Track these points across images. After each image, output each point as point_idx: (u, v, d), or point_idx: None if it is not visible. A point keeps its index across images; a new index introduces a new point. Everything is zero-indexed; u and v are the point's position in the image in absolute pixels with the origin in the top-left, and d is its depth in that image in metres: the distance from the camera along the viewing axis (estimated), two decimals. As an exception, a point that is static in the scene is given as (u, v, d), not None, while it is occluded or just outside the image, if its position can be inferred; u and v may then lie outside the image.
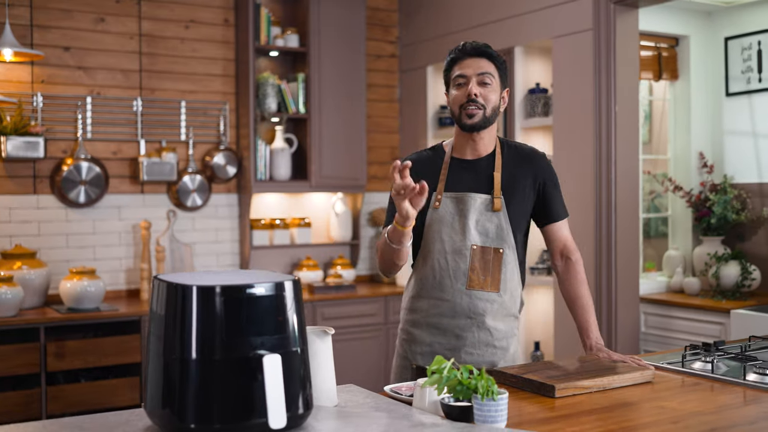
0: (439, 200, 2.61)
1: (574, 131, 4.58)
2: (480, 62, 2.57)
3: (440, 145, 2.74)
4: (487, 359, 2.60)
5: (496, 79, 2.58)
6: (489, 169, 2.62)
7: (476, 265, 2.56)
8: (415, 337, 2.64)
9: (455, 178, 2.63)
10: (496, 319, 2.60)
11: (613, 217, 4.38)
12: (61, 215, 4.87)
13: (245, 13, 5.22)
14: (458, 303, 2.57)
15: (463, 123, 2.57)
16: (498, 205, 2.58)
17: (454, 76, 2.60)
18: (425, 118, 5.75)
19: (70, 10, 4.87)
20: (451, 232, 2.58)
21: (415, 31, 5.83)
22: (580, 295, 2.69)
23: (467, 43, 2.62)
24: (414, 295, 2.67)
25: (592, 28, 4.46)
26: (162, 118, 5.14)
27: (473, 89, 2.54)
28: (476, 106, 2.54)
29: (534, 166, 2.65)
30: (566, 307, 4.57)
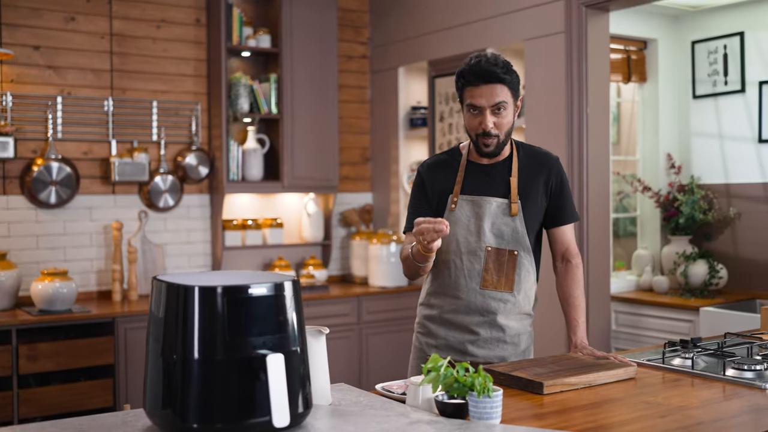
0: (455, 203, 2.67)
1: (546, 132, 4.64)
2: (493, 90, 2.54)
3: (457, 148, 2.79)
4: (498, 354, 2.69)
5: (510, 102, 2.59)
6: (505, 173, 2.68)
7: (490, 266, 2.64)
8: (431, 330, 2.73)
9: (471, 182, 2.68)
10: (508, 317, 2.68)
11: (585, 217, 4.45)
12: (32, 216, 4.81)
13: (217, 13, 5.20)
14: (472, 301, 2.65)
15: (480, 151, 2.63)
16: (515, 209, 2.64)
17: (467, 103, 2.59)
18: (396, 119, 5.78)
19: (40, 8, 4.82)
20: (467, 233, 2.66)
21: (386, 32, 5.86)
22: (575, 295, 2.76)
23: (481, 65, 2.54)
24: (430, 293, 2.75)
25: (564, 31, 4.53)
26: (133, 118, 5.10)
27: (488, 123, 2.56)
28: (491, 138, 2.58)
29: (547, 169, 2.71)
30: (539, 306, 4.65)
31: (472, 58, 2.59)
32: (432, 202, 2.72)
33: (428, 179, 2.75)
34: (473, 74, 2.55)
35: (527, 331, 2.75)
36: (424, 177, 2.76)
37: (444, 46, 5.35)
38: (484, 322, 2.66)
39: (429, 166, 2.78)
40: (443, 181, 2.71)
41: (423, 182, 2.76)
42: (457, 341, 2.68)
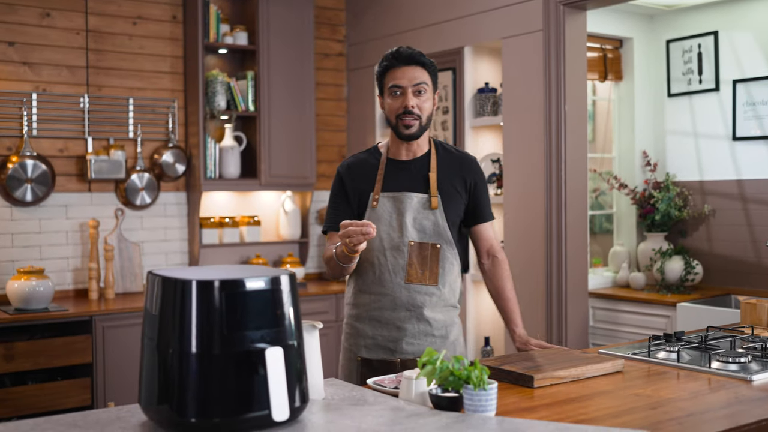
0: (376, 200, 2.71)
1: (524, 130, 4.67)
2: (415, 72, 2.66)
3: (376, 147, 2.84)
4: (428, 347, 2.68)
5: (429, 86, 2.69)
6: (424, 169, 2.73)
7: (414, 260, 2.66)
8: (359, 330, 2.74)
9: (391, 179, 2.72)
10: (434, 310, 2.70)
11: (562, 214, 4.49)
12: (6, 214, 4.75)
13: (194, 10, 5.17)
14: (398, 296, 2.67)
15: (401, 133, 2.68)
16: (435, 203, 2.68)
17: (390, 85, 2.67)
18: (373, 117, 5.78)
19: (15, 4, 4.76)
20: (389, 229, 2.68)
21: (363, 30, 5.86)
22: (507, 288, 2.85)
23: (401, 50, 2.69)
24: (356, 291, 2.77)
25: (542, 29, 4.56)
26: (109, 115, 5.06)
27: (410, 101, 2.64)
28: (413, 117, 2.65)
29: (466, 169, 2.79)
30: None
31: (391, 49, 2.70)
32: (352, 202, 2.75)
33: (348, 179, 2.77)
34: (395, 58, 2.66)
35: (454, 323, 2.79)
36: (344, 177, 2.78)
37: (421, 44, 5.35)
38: (410, 316, 2.68)
39: (348, 167, 2.80)
40: (363, 180, 2.74)
41: (343, 182, 2.78)
42: (385, 339, 2.69)
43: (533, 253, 4.62)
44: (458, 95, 5.10)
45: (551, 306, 4.52)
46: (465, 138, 5.07)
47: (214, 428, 1.68)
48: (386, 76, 2.69)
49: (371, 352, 2.71)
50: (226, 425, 1.68)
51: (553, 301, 4.51)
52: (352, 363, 2.76)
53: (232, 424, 1.68)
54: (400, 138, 2.70)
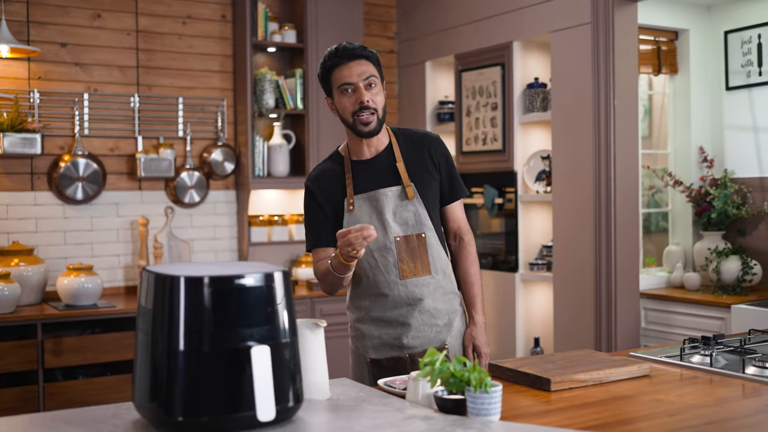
0: (352, 204, 2.65)
1: (573, 126, 4.55)
2: (361, 66, 2.60)
3: (336, 152, 2.78)
4: (433, 338, 2.67)
5: (378, 78, 2.63)
6: (390, 161, 2.68)
7: (404, 255, 2.63)
8: (363, 332, 2.70)
9: (361, 179, 2.67)
10: (435, 300, 2.65)
11: (612, 213, 4.36)
12: (59, 212, 4.85)
13: (242, 9, 5.20)
14: (396, 294, 2.63)
15: (360, 131, 2.61)
16: (411, 193, 2.64)
17: (339, 84, 2.60)
18: (424, 114, 5.72)
19: (67, 6, 4.85)
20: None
21: (414, 26, 5.80)
22: (471, 272, 2.78)
23: (342, 47, 2.62)
24: (353, 296, 2.73)
25: (591, 22, 4.43)
26: (159, 114, 5.12)
27: (364, 96, 2.58)
28: (370, 112, 2.59)
29: (428, 148, 2.71)
30: (565, 303, 4.57)
31: (333, 46, 2.64)
32: (328, 213, 2.68)
33: (318, 192, 2.70)
34: (338, 55, 2.60)
35: (456, 311, 2.72)
36: (314, 190, 2.71)
37: (470, 40, 5.28)
38: (412, 310, 2.63)
39: (315, 178, 2.73)
40: (333, 189, 2.68)
41: (314, 196, 2.71)
42: (391, 337, 2.65)
43: (582, 252, 4.50)
44: (507, 91, 5.00)
45: (600, 307, 4.40)
46: (514, 134, 4.97)
47: (202, 427, 1.65)
48: (333, 76, 2.62)
49: (379, 352, 2.67)
50: (215, 424, 1.65)
51: (602, 301, 4.38)
52: (362, 365, 2.72)
53: (221, 423, 1.65)
54: (360, 136, 2.63)
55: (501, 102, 5.04)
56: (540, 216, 5.03)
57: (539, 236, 5.03)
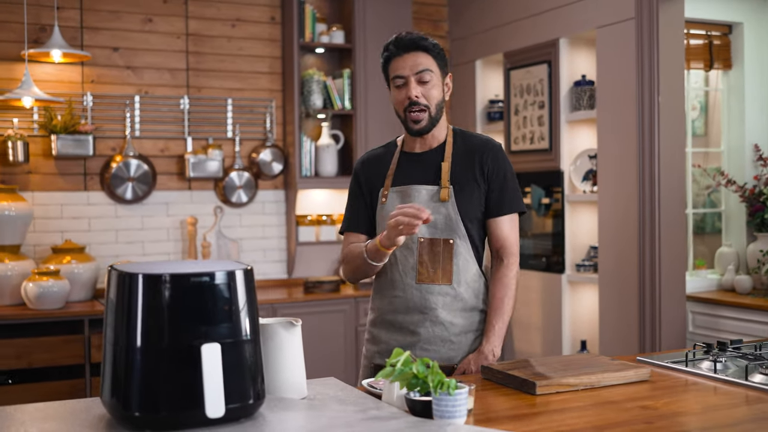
0: (385, 196, 2.56)
1: (618, 124, 4.44)
2: (416, 58, 2.48)
3: (394, 141, 2.70)
4: (444, 355, 2.51)
5: (435, 71, 2.50)
6: (438, 159, 2.56)
7: (425, 258, 2.50)
8: (375, 336, 2.62)
9: (403, 172, 2.57)
10: (452, 313, 2.51)
11: (656, 213, 4.23)
12: (111, 211, 4.99)
13: (291, 10, 5.25)
14: (410, 298, 2.51)
15: (410, 128, 2.53)
16: (445, 194, 2.49)
17: (393, 76, 2.52)
18: (474, 113, 5.67)
19: (119, 11, 4.99)
20: None
21: (465, 25, 5.76)
22: (497, 297, 2.53)
23: (401, 36, 2.52)
24: (373, 296, 2.65)
25: (635, 17, 4.31)
26: (209, 115, 5.22)
27: (413, 91, 2.47)
28: (420, 109, 2.48)
29: (484, 155, 2.55)
30: (610, 306, 4.45)
31: (392, 36, 2.54)
32: (367, 199, 2.61)
33: (362, 176, 2.64)
34: (395, 45, 2.51)
35: (476, 328, 2.55)
36: (359, 174, 2.65)
37: (518, 38, 5.20)
38: (424, 319, 2.49)
39: (363, 163, 2.67)
40: (376, 176, 2.60)
41: (358, 180, 2.65)
42: (399, 344, 2.52)
43: (626, 253, 4.38)
44: (554, 89, 4.91)
45: (644, 310, 4.28)
46: (560, 133, 4.88)
47: (159, 422, 1.67)
48: (389, 67, 2.53)
49: (385, 359, 2.46)
50: (171, 420, 1.67)
51: (646, 304, 4.26)
52: (368, 369, 2.64)
53: (177, 419, 1.67)
54: (411, 133, 2.56)
55: (548, 100, 4.96)
56: (587, 216, 4.92)
57: (586, 237, 4.93)
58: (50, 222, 4.83)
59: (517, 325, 5.30)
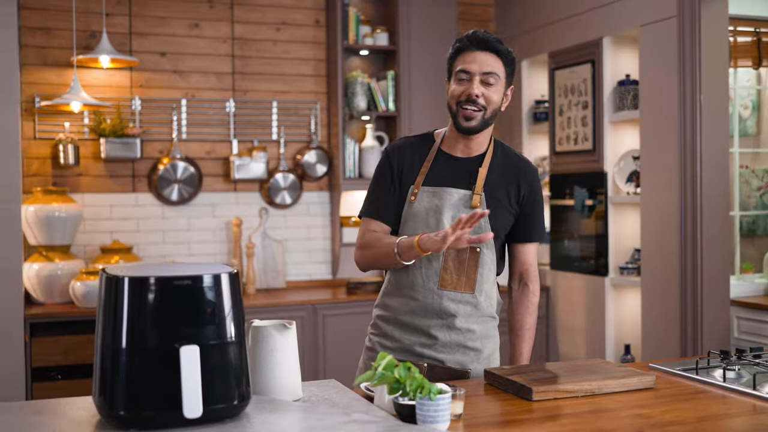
0: (415, 194, 2.47)
1: (660, 124, 4.35)
2: (487, 58, 2.41)
3: (431, 134, 2.60)
4: (459, 359, 2.48)
5: (501, 78, 2.44)
6: (476, 166, 2.49)
7: (450, 264, 2.44)
8: (386, 332, 2.54)
9: (437, 173, 2.49)
10: (469, 320, 2.48)
11: (698, 216, 4.13)
12: (158, 212, 5.11)
13: (335, 13, 5.29)
14: (429, 303, 2.46)
15: (459, 124, 2.44)
16: (476, 201, 2.44)
17: (458, 69, 2.44)
18: (519, 113, 5.63)
19: (166, 17, 5.11)
20: (425, 228, 2.45)
21: (511, 25, 5.72)
22: (527, 326, 2.59)
23: (478, 33, 2.45)
24: (386, 293, 2.57)
25: (676, 15, 4.22)
26: (254, 118, 5.30)
27: (475, 89, 2.39)
28: (476, 108, 2.40)
29: (523, 177, 2.52)
30: (653, 310, 4.36)
31: (468, 32, 2.48)
32: (397, 189, 2.50)
33: (396, 162, 2.52)
34: (470, 40, 2.43)
35: (491, 336, 2.54)
36: (392, 159, 2.53)
37: (562, 37, 5.14)
38: (442, 325, 2.46)
39: (398, 149, 2.55)
40: (408, 168, 2.49)
41: (390, 165, 2.53)
42: (412, 343, 2.47)
43: (669, 257, 4.29)
44: (597, 89, 4.84)
45: (686, 315, 4.18)
46: (604, 134, 4.80)
47: (143, 421, 1.72)
48: (456, 60, 2.44)
49: (396, 355, 2.48)
50: (155, 419, 1.71)
51: (688, 309, 4.17)
52: (372, 362, 2.55)
53: (161, 419, 1.71)
54: (458, 130, 2.44)
55: (591, 100, 4.88)
56: (631, 218, 4.84)
57: (631, 239, 4.84)
58: (100, 223, 4.97)
59: (561, 328, 5.24)
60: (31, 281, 4.57)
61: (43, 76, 4.86)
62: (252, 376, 2.03)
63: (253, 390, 2.01)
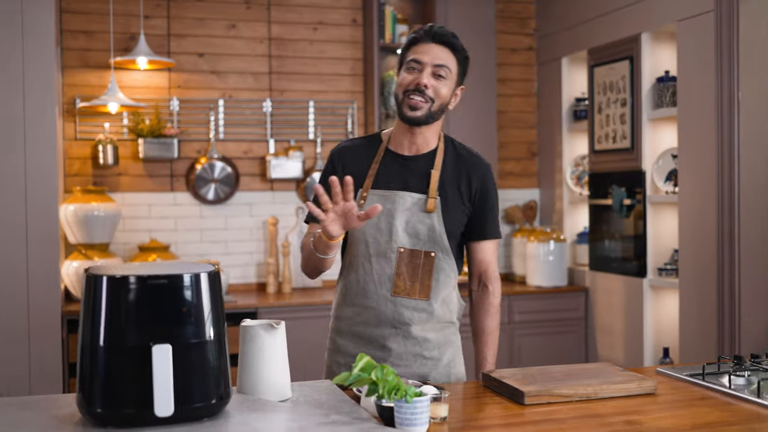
0: (364, 198, 2.39)
1: (698, 122, 4.23)
2: (441, 52, 2.36)
3: (378, 134, 2.54)
4: (416, 371, 2.40)
5: (453, 73, 2.39)
6: (427, 166, 2.42)
7: (403, 269, 2.36)
8: (339, 347, 2.47)
9: (386, 174, 2.41)
10: (425, 328, 2.40)
11: (735, 216, 4.01)
12: (196, 211, 5.18)
13: (371, 12, 5.29)
14: (382, 311, 2.38)
15: (404, 113, 2.37)
16: (432, 205, 2.37)
17: (409, 59, 2.38)
18: (560, 112, 5.54)
19: (204, 18, 5.17)
20: (376, 233, 2.37)
21: (552, 22, 5.63)
22: (489, 330, 2.49)
23: (435, 26, 2.41)
24: (339, 302, 2.49)
25: (714, 9, 4.10)
26: (291, 117, 5.32)
27: (425, 79, 2.33)
28: (423, 99, 2.34)
29: (474, 173, 2.44)
30: (690, 312, 4.25)
31: (428, 23, 2.44)
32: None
33: (340, 165, 2.44)
34: (426, 32, 2.39)
35: (451, 342, 2.47)
36: (336, 163, 2.46)
37: (601, 34, 5.04)
38: (397, 334, 2.37)
39: (342, 151, 2.48)
40: (356, 171, 2.38)
41: (334, 168, 2.45)
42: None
43: (706, 257, 4.17)
44: (635, 86, 4.73)
45: (723, 317, 4.06)
46: (642, 131, 4.69)
47: (120, 418, 1.74)
48: (409, 51, 2.39)
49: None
50: (131, 417, 1.73)
51: (725, 312, 4.05)
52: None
53: (137, 416, 1.73)
54: (402, 119, 2.38)
55: (630, 97, 4.78)
56: (670, 218, 4.72)
57: (670, 240, 4.72)
58: (138, 221, 5.06)
59: (599, 330, 5.14)
60: (71, 279, 4.67)
61: (84, 78, 4.97)
62: (240, 375, 2.04)
63: (242, 389, 2.02)
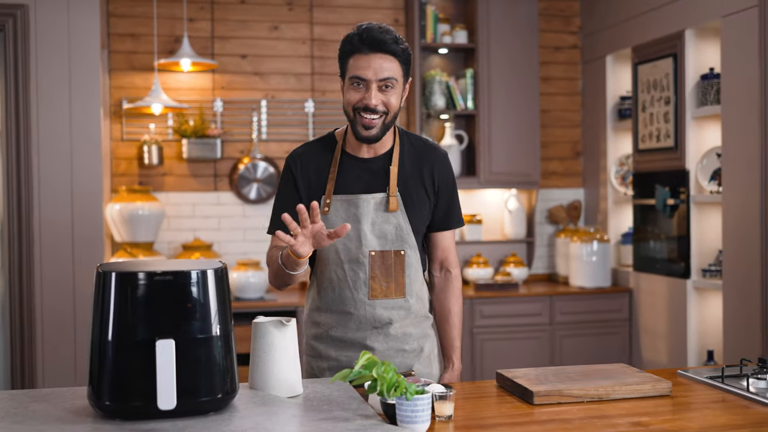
0: (328, 205, 2.37)
1: (742, 120, 4.14)
2: (383, 62, 2.25)
3: (332, 135, 2.47)
4: (399, 364, 2.41)
5: (399, 80, 2.30)
6: (385, 164, 2.39)
7: (376, 272, 2.36)
8: (320, 352, 2.45)
9: (346, 178, 2.38)
10: (404, 324, 2.42)
11: (779, 215, 3.91)
12: (239, 211, 5.25)
13: (413, 12, 5.29)
14: (362, 315, 2.38)
15: (359, 132, 2.30)
16: (394, 204, 2.36)
17: (351, 75, 2.28)
18: (604, 111, 5.46)
19: (247, 20, 5.24)
20: (346, 239, 2.35)
21: (596, 19, 5.56)
22: (454, 312, 2.51)
23: (371, 31, 2.26)
24: (314, 309, 2.48)
25: (758, 5, 4.00)
26: (333, 118, 5.36)
27: (373, 99, 2.25)
28: (375, 115, 2.27)
29: (433, 164, 2.42)
30: (734, 314, 4.17)
31: (362, 24, 2.30)
32: (303, 200, 2.37)
33: (298, 173, 2.40)
34: (362, 41, 2.25)
35: (427, 335, 2.49)
36: (294, 170, 2.41)
37: (645, 31, 4.96)
38: (377, 333, 2.38)
39: (298, 157, 2.43)
40: (315, 177, 2.38)
41: (293, 176, 2.41)
42: (351, 360, 2.37)
43: (750, 258, 4.08)
44: (679, 83, 4.64)
45: (766, 319, 3.96)
46: (686, 130, 4.61)
47: (127, 411, 1.78)
48: (349, 62, 2.29)
49: (334, 375, 2.36)
50: (138, 409, 1.77)
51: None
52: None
53: (144, 410, 1.77)
54: (358, 138, 2.32)
55: (673, 95, 4.69)
56: (715, 218, 4.62)
57: (714, 240, 4.62)
58: (182, 220, 5.15)
59: (643, 332, 5.06)
60: (116, 276, 4.77)
61: (131, 80, 5.08)
62: (251, 371, 2.07)
63: (253, 385, 2.05)
